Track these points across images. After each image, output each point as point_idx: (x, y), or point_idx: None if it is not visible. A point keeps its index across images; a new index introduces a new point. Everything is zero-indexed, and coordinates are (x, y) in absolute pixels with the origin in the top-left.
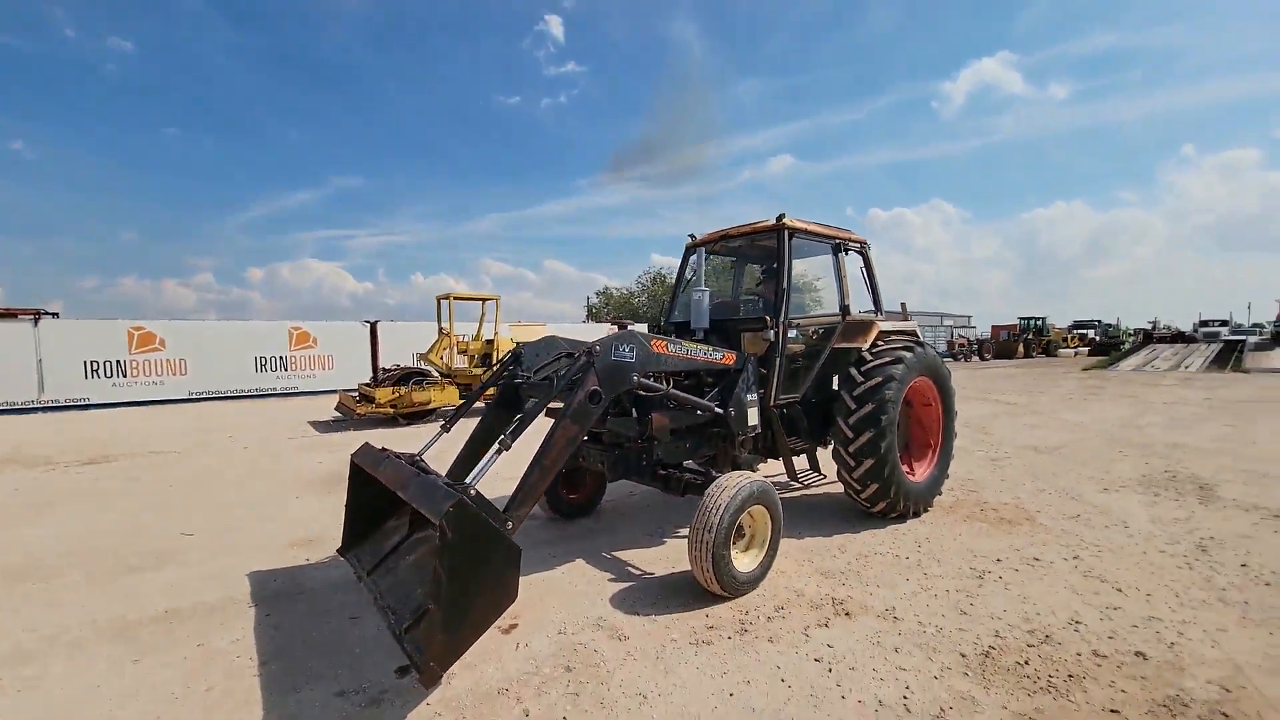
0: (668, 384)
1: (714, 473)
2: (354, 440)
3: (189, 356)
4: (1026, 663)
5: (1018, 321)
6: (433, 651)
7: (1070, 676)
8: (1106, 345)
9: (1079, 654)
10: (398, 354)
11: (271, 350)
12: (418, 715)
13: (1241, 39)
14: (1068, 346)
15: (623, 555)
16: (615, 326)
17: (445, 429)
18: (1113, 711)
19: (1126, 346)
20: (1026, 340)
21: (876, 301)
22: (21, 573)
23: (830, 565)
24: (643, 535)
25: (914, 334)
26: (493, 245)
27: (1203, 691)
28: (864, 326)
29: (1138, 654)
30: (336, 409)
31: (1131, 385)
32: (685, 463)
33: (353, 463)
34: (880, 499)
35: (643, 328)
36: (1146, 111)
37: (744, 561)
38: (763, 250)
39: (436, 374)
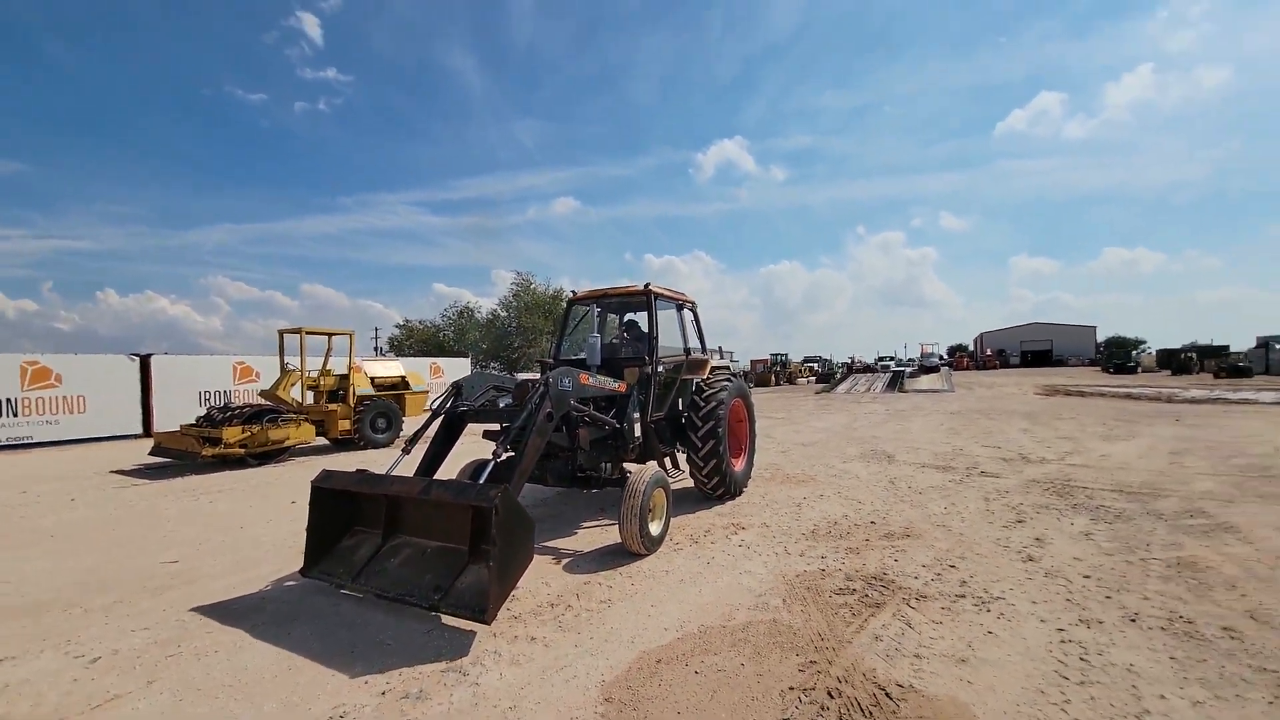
0: (590, 407)
1: (626, 471)
2: (204, 483)
3: None
4: (829, 532)
5: (769, 356)
6: (492, 597)
7: (848, 532)
8: (826, 375)
9: (852, 526)
10: (178, 392)
11: None
12: (541, 604)
13: (886, 151)
14: (802, 376)
15: (551, 544)
16: (541, 366)
17: (406, 451)
18: (866, 539)
19: (838, 376)
20: (776, 371)
21: (702, 344)
22: (50, 603)
23: (722, 510)
24: (548, 533)
25: (729, 368)
26: (228, 261)
27: (899, 530)
28: (701, 363)
29: (871, 522)
30: (155, 452)
31: (846, 403)
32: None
33: (316, 487)
34: (720, 485)
35: (465, 362)
36: (831, 197)
37: (654, 527)
38: (626, 305)
39: (286, 411)
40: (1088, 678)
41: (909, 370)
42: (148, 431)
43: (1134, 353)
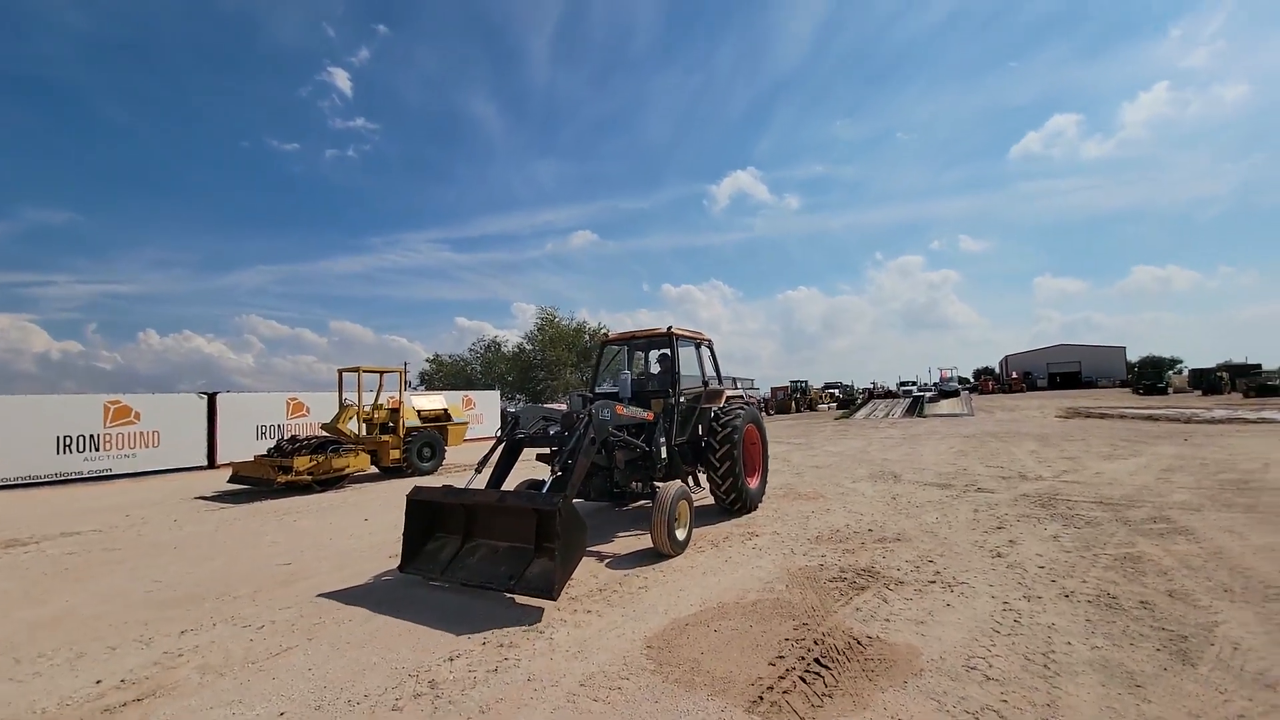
0: (624, 433)
1: (656, 487)
2: (282, 505)
3: None
4: (831, 538)
5: (789, 383)
6: (556, 580)
7: (849, 539)
8: (847, 401)
9: (851, 534)
10: (239, 428)
11: (79, 428)
12: (592, 590)
13: (901, 177)
14: (823, 402)
15: (594, 549)
16: (582, 399)
17: (478, 471)
18: (862, 543)
19: (858, 402)
20: (796, 398)
21: (719, 376)
22: (202, 594)
23: (739, 522)
24: (590, 540)
25: (743, 397)
26: (262, 301)
27: (892, 535)
28: (718, 394)
29: (869, 530)
30: (234, 480)
31: (864, 428)
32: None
33: (411, 500)
34: (736, 500)
35: (494, 395)
36: (847, 223)
37: (679, 533)
38: (651, 344)
39: (346, 442)
40: (1015, 631)
41: (929, 395)
42: (212, 463)
43: (1167, 373)
